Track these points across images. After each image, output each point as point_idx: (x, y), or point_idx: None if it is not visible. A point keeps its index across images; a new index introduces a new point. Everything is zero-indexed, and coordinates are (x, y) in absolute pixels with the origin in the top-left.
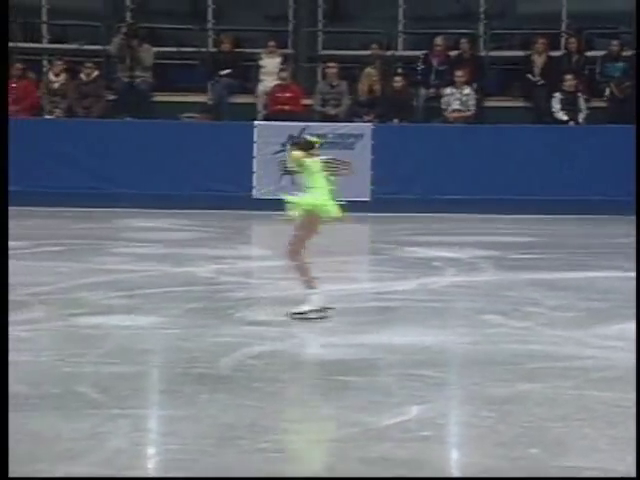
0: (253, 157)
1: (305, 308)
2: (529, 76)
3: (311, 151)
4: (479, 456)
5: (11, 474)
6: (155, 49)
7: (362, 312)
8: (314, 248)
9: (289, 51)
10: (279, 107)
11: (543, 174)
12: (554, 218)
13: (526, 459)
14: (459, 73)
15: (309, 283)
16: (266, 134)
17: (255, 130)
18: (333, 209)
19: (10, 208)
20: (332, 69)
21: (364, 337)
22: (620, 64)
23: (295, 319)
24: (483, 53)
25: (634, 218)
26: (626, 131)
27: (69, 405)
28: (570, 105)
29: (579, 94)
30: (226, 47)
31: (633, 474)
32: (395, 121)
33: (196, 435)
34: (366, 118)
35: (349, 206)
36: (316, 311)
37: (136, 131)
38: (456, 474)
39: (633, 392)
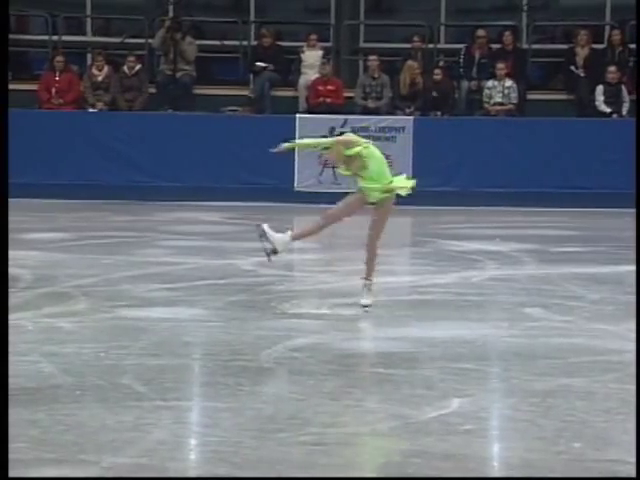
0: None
1: (370, 300)
2: (572, 68)
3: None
4: (521, 450)
5: (57, 464)
6: (197, 42)
7: (403, 305)
8: (357, 241)
9: (330, 44)
10: (320, 100)
11: (586, 167)
12: (596, 211)
13: (569, 453)
14: (501, 66)
15: (372, 273)
16: (308, 127)
17: (297, 123)
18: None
19: (54, 201)
20: (373, 62)
21: (405, 330)
22: None
23: (366, 311)
24: (525, 45)
25: None
26: None
27: (113, 397)
28: (613, 97)
29: (622, 86)
30: (267, 40)
31: None
32: (437, 114)
33: (237, 427)
34: (407, 111)
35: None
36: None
37: (178, 124)
38: (498, 468)
39: None
